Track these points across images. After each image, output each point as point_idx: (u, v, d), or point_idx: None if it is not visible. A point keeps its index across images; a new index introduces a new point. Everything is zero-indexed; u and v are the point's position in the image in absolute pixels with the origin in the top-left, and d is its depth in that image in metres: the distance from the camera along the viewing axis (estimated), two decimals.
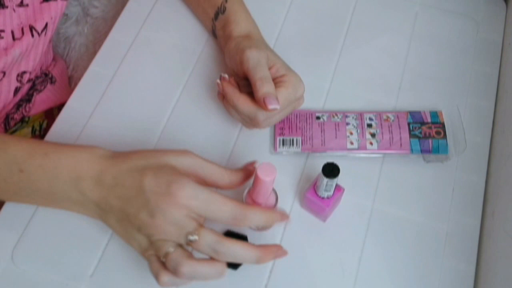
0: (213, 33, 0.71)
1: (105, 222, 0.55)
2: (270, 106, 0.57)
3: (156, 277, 0.50)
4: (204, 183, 0.54)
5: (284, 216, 0.54)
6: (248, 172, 0.56)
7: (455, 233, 0.62)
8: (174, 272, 0.49)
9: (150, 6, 0.77)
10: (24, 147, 0.56)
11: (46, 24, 0.67)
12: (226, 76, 0.60)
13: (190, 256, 0.50)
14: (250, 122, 0.61)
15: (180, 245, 0.50)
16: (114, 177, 0.52)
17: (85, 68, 0.72)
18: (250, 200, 0.57)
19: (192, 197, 0.49)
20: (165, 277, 0.50)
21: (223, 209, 0.50)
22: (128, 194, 0.51)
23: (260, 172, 0.52)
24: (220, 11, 0.68)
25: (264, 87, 0.58)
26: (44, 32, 0.68)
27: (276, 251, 0.52)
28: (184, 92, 0.70)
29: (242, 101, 0.59)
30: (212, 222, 0.51)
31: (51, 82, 0.80)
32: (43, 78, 0.78)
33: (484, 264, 0.60)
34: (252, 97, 0.59)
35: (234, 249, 0.50)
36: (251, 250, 0.50)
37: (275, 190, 0.58)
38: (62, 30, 0.87)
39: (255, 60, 0.59)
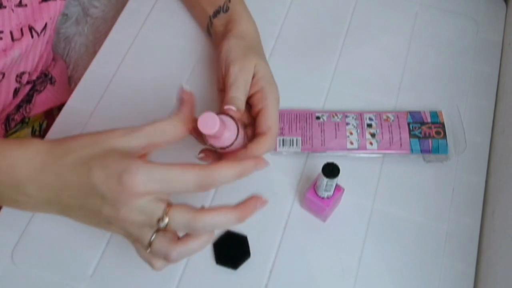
0: (208, 30, 0.71)
1: (70, 218, 0.50)
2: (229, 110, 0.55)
3: (149, 265, 0.49)
4: (166, 145, 0.49)
5: (259, 163, 0.49)
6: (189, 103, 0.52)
7: (455, 233, 0.62)
8: (165, 259, 0.47)
9: (150, 6, 0.77)
10: None
11: (46, 24, 0.67)
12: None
13: (174, 238, 0.47)
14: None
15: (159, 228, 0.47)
16: (57, 176, 0.47)
17: (85, 68, 0.72)
18: (212, 141, 0.50)
19: (148, 182, 0.44)
20: (158, 263, 0.48)
21: (185, 181, 0.45)
22: (82, 192, 0.47)
23: (203, 127, 0.46)
24: (223, 10, 0.68)
25: (229, 103, 0.56)
26: (43, 33, 0.68)
27: (255, 203, 0.48)
28: None
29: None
30: (180, 196, 0.48)
31: (51, 83, 0.79)
32: (43, 78, 0.78)
33: (484, 264, 0.60)
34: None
35: (211, 220, 0.45)
36: (229, 213, 0.46)
37: (232, 120, 0.50)
38: (62, 30, 0.87)
39: (232, 77, 0.59)
